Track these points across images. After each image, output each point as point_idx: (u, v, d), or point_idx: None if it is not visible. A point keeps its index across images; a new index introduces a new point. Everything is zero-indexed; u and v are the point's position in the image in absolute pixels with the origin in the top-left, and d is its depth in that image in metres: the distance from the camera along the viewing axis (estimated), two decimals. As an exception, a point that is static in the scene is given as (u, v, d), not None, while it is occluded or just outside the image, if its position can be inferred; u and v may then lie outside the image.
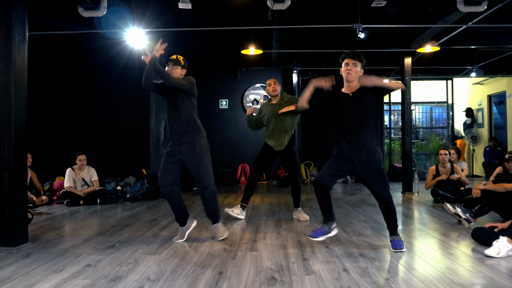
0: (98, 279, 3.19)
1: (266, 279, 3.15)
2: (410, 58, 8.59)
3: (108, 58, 8.39)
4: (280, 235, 4.77)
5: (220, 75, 11.59)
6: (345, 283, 3.07)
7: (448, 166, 7.29)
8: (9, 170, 4.09)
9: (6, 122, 4.07)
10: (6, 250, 4.04)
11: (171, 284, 3.07)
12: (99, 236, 4.78)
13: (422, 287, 2.98)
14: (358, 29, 6.70)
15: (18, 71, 4.18)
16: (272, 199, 7.94)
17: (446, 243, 4.35)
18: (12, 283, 3.13)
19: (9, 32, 4.11)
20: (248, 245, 4.31)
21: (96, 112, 8.89)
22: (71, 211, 6.80)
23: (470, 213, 5.16)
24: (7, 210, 4.07)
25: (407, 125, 8.57)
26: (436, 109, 13.33)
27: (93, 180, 7.72)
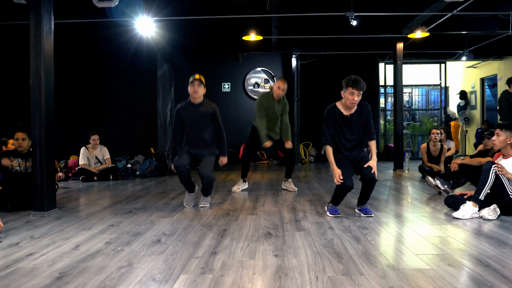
0: (121, 234, 3.80)
1: (263, 234, 3.76)
2: (402, 43, 9.11)
3: (119, 45, 8.96)
4: (277, 203, 5.39)
5: (223, 59, 12.12)
6: (329, 236, 3.67)
7: (438, 145, 7.85)
8: (40, 145, 4.69)
9: (37, 103, 4.66)
10: (39, 214, 4.65)
11: (184, 237, 3.68)
12: (117, 205, 5.40)
13: (392, 239, 3.58)
14: (350, 17, 7.21)
15: (46, 58, 4.75)
16: (271, 176, 8.54)
17: (423, 209, 4.95)
18: (51, 236, 3.74)
19: (38, 23, 4.67)
20: (249, 210, 4.91)
21: (108, 96, 9.51)
22: (87, 186, 7.41)
23: (448, 185, 5.74)
24: (38, 180, 4.68)
25: (399, 106, 9.13)
26: (433, 92, 13.84)
27: (106, 158, 8.33)
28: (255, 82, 12.11)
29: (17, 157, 5.22)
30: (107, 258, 3.10)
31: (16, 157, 5.22)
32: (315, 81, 11.76)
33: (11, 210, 4.96)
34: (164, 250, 3.29)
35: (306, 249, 3.28)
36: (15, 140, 5.20)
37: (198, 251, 3.25)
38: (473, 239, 3.56)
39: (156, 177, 8.58)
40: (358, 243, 3.45)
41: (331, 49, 11.17)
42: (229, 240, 3.56)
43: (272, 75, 12.11)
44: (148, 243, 3.49)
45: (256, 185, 7.13)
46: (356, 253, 3.16)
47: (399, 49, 9.08)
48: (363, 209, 4.62)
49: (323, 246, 3.35)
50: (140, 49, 8.91)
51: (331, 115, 4.55)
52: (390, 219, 4.41)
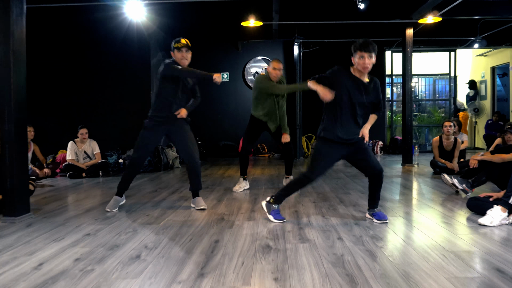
0: (96, 247, 3.26)
1: (261, 247, 3.22)
2: (412, 29, 8.51)
3: (107, 30, 8.37)
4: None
5: (221, 48, 11.52)
6: (339, 250, 3.13)
7: (452, 138, 7.30)
8: (10, 142, 4.14)
9: (6, 94, 4.10)
10: (8, 220, 4.12)
11: (168, 251, 3.14)
12: (101, 207, 4.86)
13: (413, 254, 3.04)
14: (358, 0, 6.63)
15: (16, 43, 4.18)
16: (272, 171, 8.00)
17: (442, 213, 4.41)
18: (13, 251, 3.21)
19: (6, 4, 4.10)
20: (246, 214, 4.38)
21: (97, 86, 8.93)
22: (74, 183, 6.89)
23: (467, 184, 5.19)
24: (8, 182, 4.14)
25: (408, 98, 8.55)
26: (440, 82, 13.25)
27: (95, 153, 7.79)
28: (256, 71, 11.53)
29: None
30: (71, 282, 2.56)
31: None
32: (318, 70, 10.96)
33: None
34: (142, 270, 2.75)
35: (312, 269, 2.74)
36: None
37: (183, 272, 2.72)
38: (508, 254, 3.01)
39: (150, 172, 8.05)
40: (373, 260, 2.91)
41: (335, 36, 10.55)
42: (221, 257, 3.01)
43: (273, 64, 11.51)
44: (125, 260, 2.95)
45: (256, 182, 6.58)
46: (372, 275, 2.62)
47: (409, 36, 8.48)
48: (376, 214, 4.07)
49: (332, 265, 2.81)
50: (130, 36, 8.30)
51: (337, 73, 3.91)
52: (406, 227, 3.87)
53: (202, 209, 4.64)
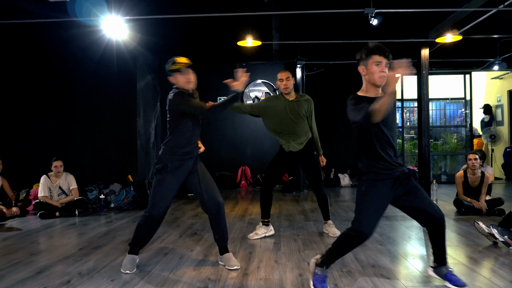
0: None
1: None
2: (428, 49, 7.67)
3: (82, 48, 7.48)
4: (277, 263, 3.89)
5: (218, 69, 10.66)
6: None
7: (479, 172, 6.37)
8: None
9: None
10: None
11: None
12: (59, 265, 3.93)
13: None
14: (370, 15, 5.80)
15: None
16: (272, 209, 7.03)
17: (488, 278, 3.44)
18: None
19: None
20: (237, 279, 3.43)
21: (74, 111, 7.99)
22: (44, 225, 5.98)
23: (509, 235, 4.25)
24: None
25: (424, 125, 7.65)
26: (450, 106, 12.37)
27: (72, 189, 6.88)
28: (255, 96, 10.67)
29: None
30: None
31: None
32: (323, 95, 10.21)
33: None
34: None
35: None
36: None
37: None
38: None
39: (134, 210, 7.13)
40: None
41: (341, 57, 9.71)
42: None
43: (274, 88, 10.68)
44: None
45: (253, 226, 5.62)
46: None
47: (424, 57, 7.63)
48: (450, 277, 3.12)
49: None
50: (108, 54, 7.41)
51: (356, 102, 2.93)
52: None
53: (234, 269, 3.70)
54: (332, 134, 10.31)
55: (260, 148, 10.53)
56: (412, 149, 11.61)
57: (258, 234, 5.00)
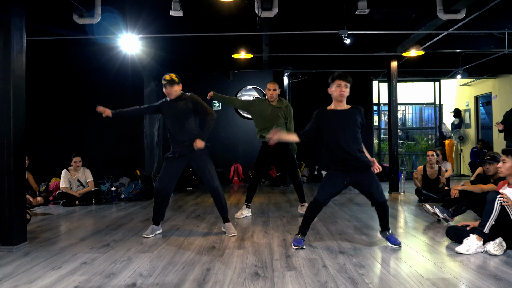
0: (93, 275, 3.42)
1: (250, 275, 3.40)
2: (396, 61, 8.86)
3: (102, 63, 8.63)
4: (267, 233, 5.02)
5: (213, 77, 11.82)
6: (323, 278, 3.32)
7: (436, 167, 7.57)
8: (9, 173, 4.31)
9: (5, 127, 4.30)
10: (6, 249, 4.26)
11: (162, 279, 3.31)
12: (95, 235, 5.01)
13: (392, 281, 3.23)
14: (344, 35, 6.94)
15: (16, 79, 4.39)
16: (262, 199, 8.18)
17: (423, 241, 4.62)
18: (13, 279, 3.36)
19: (7, 41, 4.33)
20: (236, 243, 4.55)
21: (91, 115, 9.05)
22: (67, 211, 7.02)
23: (448, 213, 5.42)
24: (6, 211, 4.30)
25: (393, 126, 8.85)
26: (426, 110, 13.62)
27: (88, 181, 7.94)
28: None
29: None
30: (71, 309, 2.72)
31: None
32: (307, 100, 11.37)
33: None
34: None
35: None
36: None
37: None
38: (480, 281, 3.22)
39: (142, 200, 8.19)
40: (354, 286, 3.10)
41: (323, 67, 10.88)
42: (212, 284, 3.19)
43: (263, 93, 11.82)
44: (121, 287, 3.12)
45: (246, 211, 6.75)
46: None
47: (393, 68, 8.83)
48: (390, 238, 4.38)
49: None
50: (124, 67, 8.58)
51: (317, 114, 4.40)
52: (388, 254, 4.06)
53: (232, 235, 4.88)
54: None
55: (251, 148, 11.61)
56: (387, 149, 12.80)
57: (243, 213, 6.28)
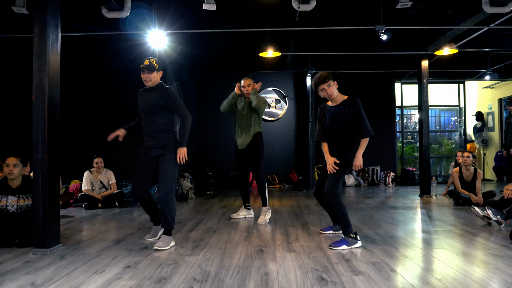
0: (143, 280, 3.12)
1: (315, 280, 3.09)
2: (427, 60, 8.57)
3: (130, 60, 8.35)
4: (312, 236, 4.72)
5: (232, 78, 11.51)
6: (397, 283, 3.01)
7: (472, 169, 7.25)
8: (43, 171, 4.03)
9: (40, 121, 4.02)
10: (40, 252, 3.97)
11: (220, 285, 3.00)
12: (128, 238, 4.72)
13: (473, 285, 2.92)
14: (380, 31, 6.67)
15: (52, 70, 4.13)
16: (291, 202, 7.87)
17: (485, 244, 4.29)
18: (56, 283, 3.06)
19: (43, 31, 4.07)
20: (284, 246, 4.25)
21: (113, 114, 8.85)
22: (90, 214, 6.73)
23: (501, 215, 5.11)
24: (40, 212, 4.01)
25: (425, 128, 8.54)
26: (444, 113, 13.32)
27: (111, 183, 7.66)
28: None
29: (7, 194, 4.51)
30: (132, 317, 2.42)
31: (5, 194, 4.50)
32: (329, 101, 11.14)
33: (7, 246, 4.28)
34: (201, 304, 2.62)
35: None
36: (6, 166, 4.47)
37: (245, 306, 2.58)
38: None
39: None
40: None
41: (346, 67, 10.63)
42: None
43: (283, 95, 11.54)
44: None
45: (278, 214, 6.43)
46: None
47: (424, 67, 8.52)
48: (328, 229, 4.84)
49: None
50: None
51: (319, 109, 4.72)
52: (453, 257, 3.74)
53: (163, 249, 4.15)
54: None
55: (270, 151, 11.32)
56: (410, 152, 12.50)
57: (239, 215, 6.07)
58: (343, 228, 4.23)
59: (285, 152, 11.66)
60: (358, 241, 4.18)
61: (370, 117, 9.28)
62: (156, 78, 4.38)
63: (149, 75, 4.32)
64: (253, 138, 5.84)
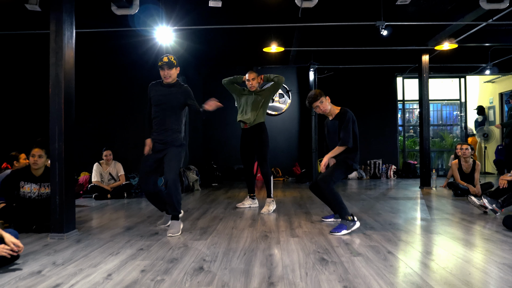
0: (156, 260, 3.35)
1: (317, 260, 3.31)
2: (428, 55, 8.75)
3: (138, 55, 8.59)
4: (314, 223, 4.94)
5: (236, 72, 11.69)
6: (394, 263, 3.23)
7: (470, 161, 7.45)
8: (60, 160, 4.26)
9: (57, 114, 4.25)
10: (57, 236, 4.20)
11: (228, 264, 3.23)
12: (139, 225, 4.95)
13: (466, 266, 3.13)
14: (381, 27, 6.86)
15: (67, 65, 4.35)
16: (294, 193, 8.10)
17: (479, 231, 4.50)
18: (76, 263, 3.29)
19: (60, 27, 4.28)
20: (287, 232, 4.47)
21: (121, 109, 9.11)
22: (100, 204, 6.96)
23: (497, 204, 5.31)
24: (57, 198, 4.24)
25: (425, 122, 8.73)
26: (446, 108, 13.50)
27: (120, 175, 7.89)
28: (269, 96, 11.71)
29: (29, 182, 4.77)
30: (149, 290, 2.65)
31: (28, 181, 4.77)
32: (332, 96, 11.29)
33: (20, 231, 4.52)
34: (211, 279, 2.84)
35: (376, 278, 2.84)
36: (31, 156, 4.74)
37: (252, 281, 2.81)
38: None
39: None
40: (428, 269, 3.01)
41: (348, 62, 10.84)
42: (282, 268, 3.10)
43: (287, 89, 11.75)
44: (190, 271, 3.04)
45: (282, 203, 6.67)
46: (436, 283, 2.71)
47: (425, 62, 8.72)
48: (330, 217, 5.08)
49: (393, 275, 2.91)
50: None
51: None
52: (449, 242, 3.95)
53: (171, 235, 4.32)
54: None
55: (274, 145, 11.51)
56: (412, 146, 12.70)
57: (244, 204, 6.33)
58: (339, 212, 4.46)
59: (289, 146, 11.88)
60: (356, 222, 4.39)
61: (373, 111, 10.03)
62: (175, 74, 4.63)
63: (169, 71, 4.56)
64: (258, 126, 6.00)
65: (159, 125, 4.61)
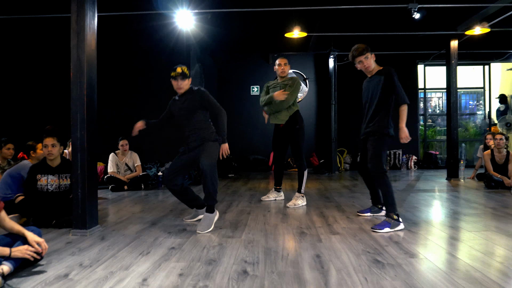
0: (192, 262, 3.04)
1: (371, 262, 2.99)
2: (457, 41, 8.36)
3: (157, 39, 8.25)
4: (350, 219, 4.62)
5: (252, 60, 11.40)
6: (459, 266, 2.90)
7: (504, 151, 7.10)
8: (82, 150, 3.94)
9: (79, 100, 3.93)
10: (79, 233, 3.91)
11: (274, 266, 2.91)
12: (163, 220, 4.65)
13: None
14: (413, 9, 6.49)
15: (89, 47, 4.02)
16: (316, 185, 7.78)
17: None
18: (105, 264, 2.99)
19: (81, 7, 3.95)
20: (325, 228, 4.15)
21: (139, 95, 8.78)
22: (118, 196, 6.68)
23: (544, 198, 4.97)
24: (79, 192, 3.93)
25: (453, 111, 8.35)
26: (465, 96, 13.09)
27: (136, 166, 7.60)
28: (286, 84, 11.35)
29: (46, 174, 4.45)
30: (194, 299, 2.34)
31: (45, 173, 4.45)
32: (352, 84, 10.93)
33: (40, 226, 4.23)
34: (261, 286, 2.53)
35: (444, 285, 2.52)
36: (44, 147, 4.41)
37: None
38: None
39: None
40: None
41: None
42: (337, 272, 2.79)
43: (304, 77, 11.38)
44: (234, 276, 2.73)
45: (308, 196, 6.33)
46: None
47: (453, 48, 8.32)
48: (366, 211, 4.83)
49: (464, 280, 2.58)
50: (180, 45, 8.20)
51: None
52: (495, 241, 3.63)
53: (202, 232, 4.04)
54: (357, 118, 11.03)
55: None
56: (433, 135, 12.31)
57: (269, 197, 6.00)
58: (386, 206, 4.13)
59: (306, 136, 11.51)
60: (400, 223, 4.07)
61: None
62: (188, 85, 4.42)
63: (182, 82, 4.34)
64: (292, 117, 5.61)
65: (189, 132, 4.41)
